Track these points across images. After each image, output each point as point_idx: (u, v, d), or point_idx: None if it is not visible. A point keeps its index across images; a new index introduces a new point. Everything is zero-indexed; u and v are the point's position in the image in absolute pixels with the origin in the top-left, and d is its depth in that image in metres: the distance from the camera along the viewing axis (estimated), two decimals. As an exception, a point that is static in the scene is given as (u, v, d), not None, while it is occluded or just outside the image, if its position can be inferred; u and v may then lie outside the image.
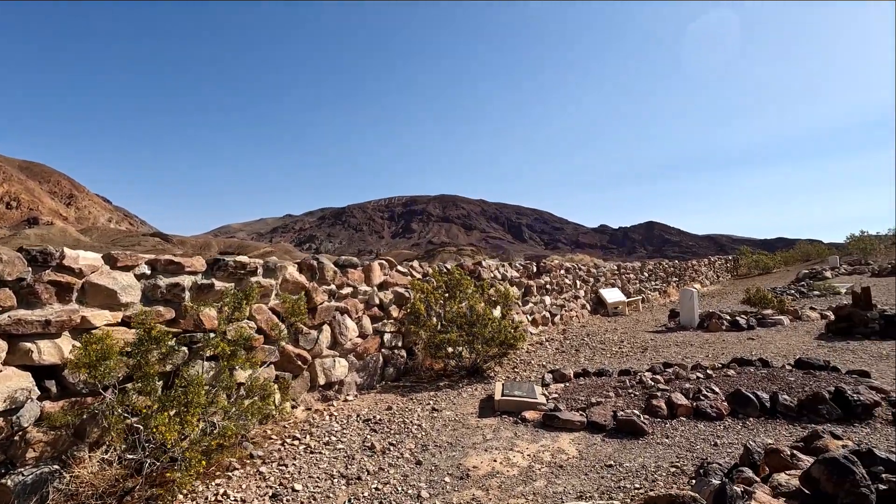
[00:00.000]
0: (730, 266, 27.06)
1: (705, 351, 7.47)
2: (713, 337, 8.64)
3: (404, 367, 6.61)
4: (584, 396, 4.75)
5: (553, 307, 10.95)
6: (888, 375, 5.32)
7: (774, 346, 7.46)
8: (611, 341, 8.86)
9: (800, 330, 8.71)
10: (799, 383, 4.33)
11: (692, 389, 4.34)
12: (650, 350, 7.83)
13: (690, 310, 9.81)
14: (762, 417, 4.01)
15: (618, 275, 15.24)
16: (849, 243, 24.62)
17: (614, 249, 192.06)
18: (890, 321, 7.50)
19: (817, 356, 6.54)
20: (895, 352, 6.45)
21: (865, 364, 5.95)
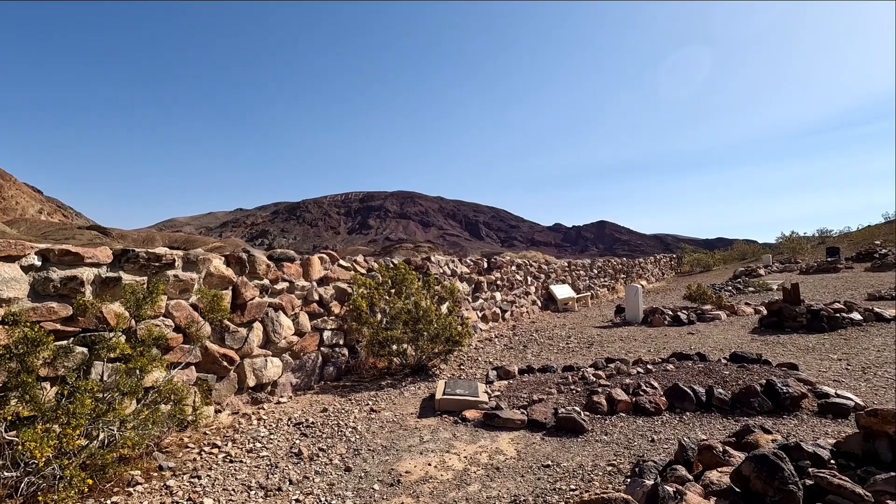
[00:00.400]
0: (674, 264, 28.22)
1: (648, 346, 7.59)
2: (656, 332, 8.83)
3: (346, 366, 6.31)
4: (527, 394, 4.64)
5: (504, 303, 10.91)
6: (813, 367, 5.54)
7: (712, 339, 7.69)
8: (558, 337, 8.89)
9: (736, 324, 9.06)
10: (733, 377, 4.40)
11: (632, 385, 4.31)
12: (596, 345, 7.89)
13: (635, 306, 10.02)
14: (698, 411, 4.03)
15: (568, 272, 15.47)
16: (780, 243, 26.22)
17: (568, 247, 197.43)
18: (815, 315, 7.90)
19: (751, 350, 6.77)
20: (820, 344, 6.77)
21: (794, 356, 6.19)
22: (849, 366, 5.57)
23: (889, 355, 5.95)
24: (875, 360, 5.76)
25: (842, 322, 7.83)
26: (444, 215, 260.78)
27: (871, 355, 5.98)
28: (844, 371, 5.32)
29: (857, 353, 6.19)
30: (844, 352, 6.27)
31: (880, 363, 5.60)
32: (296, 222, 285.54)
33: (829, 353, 6.28)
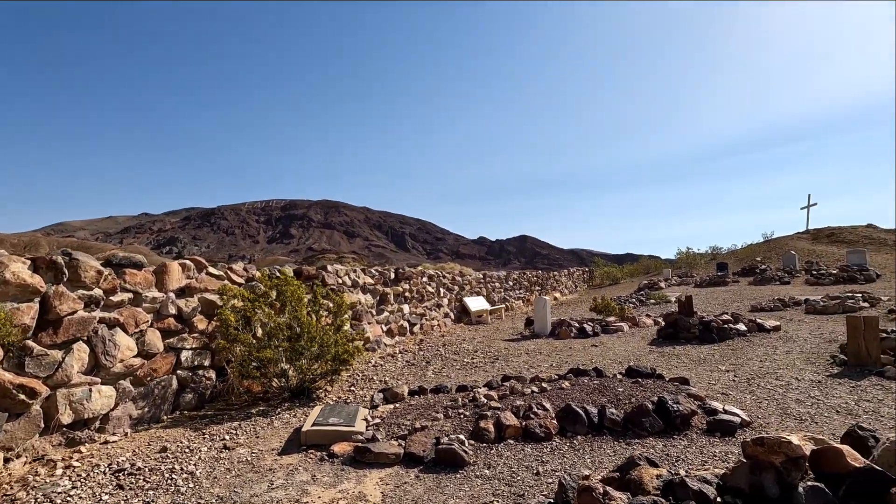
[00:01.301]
0: (586, 277, 29.41)
1: (552, 359, 7.39)
2: (562, 344, 8.72)
3: (212, 392, 5.39)
4: (411, 420, 4.09)
5: (412, 316, 10.36)
6: (704, 380, 5.54)
7: (613, 352, 7.66)
8: (465, 351, 8.49)
9: (636, 336, 9.21)
10: (627, 394, 4.17)
11: (523, 407, 3.93)
12: (500, 360, 7.57)
13: (543, 318, 9.92)
14: (590, 434, 3.71)
15: (483, 284, 15.30)
16: (678, 258, 28.26)
17: (491, 260, 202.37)
18: (707, 327, 8.18)
19: (648, 362, 6.77)
20: (710, 355, 6.92)
21: (687, 368, 6.22)
22: (735, 377, 5.65)
23: (769, 365, 6.16)
24: (758, 370, 5.91)
25: (729, 333, 8.17)
26: (371, 226, 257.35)
27: (754, 366, 6.15)
28: (731, 383, 5.35)
29: (742, 363, 6.36)
30: (732, 363, 6.42)
31: (763, 373, 5.74)
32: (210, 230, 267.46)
33: (718, 364, 6.40)
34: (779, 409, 4.34)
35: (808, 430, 3.83)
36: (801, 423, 4.00)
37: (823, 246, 23.71)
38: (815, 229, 26.99)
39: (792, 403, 4.52)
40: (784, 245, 25.16)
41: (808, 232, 27.07)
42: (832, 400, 4.60)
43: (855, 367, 5.75)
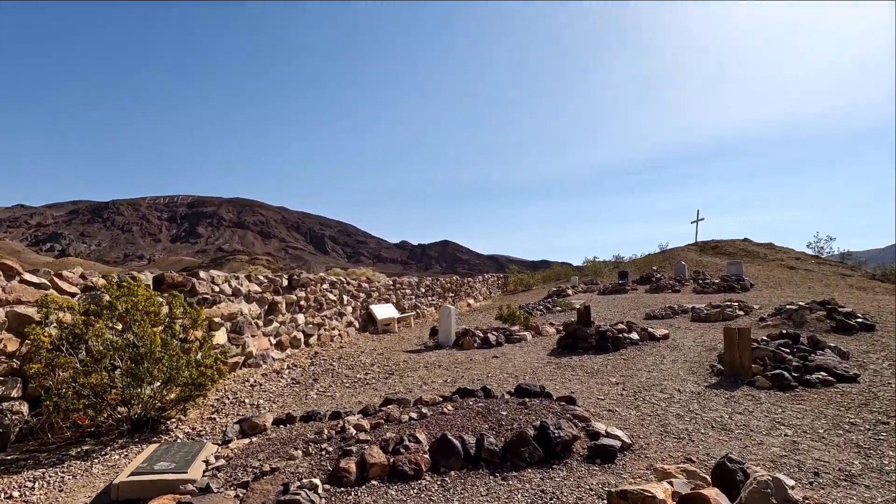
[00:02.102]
0: (501, 283, 29.95)
1: (450, 373, 7.04)
2: (464, 356, 8.43)
3: (23, 429, 4.33)
4: (263, 459, 3.46)
5: (309, 327, 9.56)
6: (594, 394, 5.45)
7: (513, 363, 7.48)
8: (361, 365, 7.90)
9: (538, 345, 9.17)
10: (510, 418, 3.86)
11: (394, 439, 3.46)
12: (396, 375, 7.08)
13: (447, 328, 9.60)
14: (465, 468, 3.33)
15: (393, 290, 14.76)
16: (585, 266, 29.70)
17: (413, 264, 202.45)
18: (602, 336, 8.31)
19: (544, 374, 6.64)
20: (604, 366, 6.95)
21: (580, 381, 6.15)
22: (624, 390, 5.63)
23: (656, 376, 6.25)
24: (645, 382, 5.95)
25: (623, 342, 8.36)
26: (288, 227, 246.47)
27: (642, 377, 6.21)
28: (619, 397, 5.29)
29: (632, 374, 6.41)
30: (623, 374, 6.45)
31: (649, 385, 5.78)
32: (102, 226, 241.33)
33: (609, 375, 6.40)
34: (660, 427, 4.27)
35: (686, 449, 3.75)
36: (679, 441, 3.93)
37: (709, 257, 26.05)
38: (703, 242, 29.67)
39: (672, 419, 4.49)
40: (677, 255, 27.33)
41: (697, 244, 29.68)
42: (709, 414, 4.65)
43: (730, 377, 5.99)
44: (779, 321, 10.15)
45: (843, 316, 9.19)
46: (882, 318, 9.52)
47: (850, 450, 3.73)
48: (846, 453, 3.67)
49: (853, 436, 4.01)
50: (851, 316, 9.24)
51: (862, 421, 4.36)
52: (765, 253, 24.26)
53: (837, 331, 8.86)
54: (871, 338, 8.15)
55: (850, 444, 3.84)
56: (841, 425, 4.26)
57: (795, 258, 22.34)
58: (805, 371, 5.83)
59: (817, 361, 6.04)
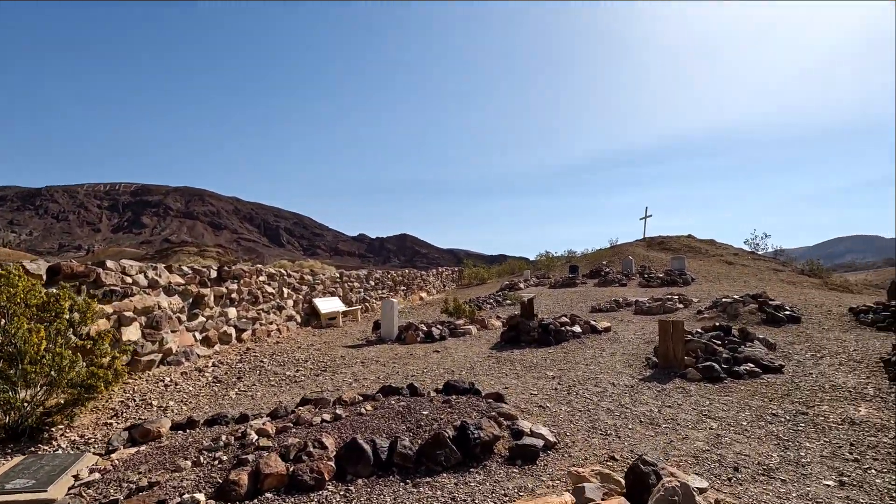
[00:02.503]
0: (455, 277, 29.84)
1: (387, 369, 6.74)
2: (405, 350, 8.15)
3: None
4: (144, 472, 3.04)
5: (242, 321, 8.99)
6: (528, 389, 5.30)
7: (453, 358, 7.27)
8: (293, 361, 7.46)
9: (482, 339, 9.01)
10: (431, 418, 3.61)
11: (297, 445, 3.13)
12: (328, 372, 6.71)
13: (390, 322, 9.28)
14: (375, 475, 3.04)
15: (340, 283, 14.26)
16: (538, 261, 30.08)
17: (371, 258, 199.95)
18: (545, 329, 8.23)
19: (482, 369, 6.45)
20: (543, 360, 6.85)
21: (517, 376, 6.00)
22: (559, 384, 5.51)
23: (593, 369, 6.20)
24: (582, 375, 5.87)
25: (566, 335, 8.32)
26: (241, 218, 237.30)
27: (580, 371, 6.13)
28: (553, 392, 5.17)
29: (570, 367, 6.33)
30: (561, 367, 6.36)
31: (585, 379, 5.70)
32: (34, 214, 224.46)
33: (547, 369, 6.29)
34: (589, 423, 4.15)
35: (611, 446, 3.63)
36: (606, 438, 3.80)
37: (655, 252, 26.93)
38: (650, 238, 30.68)
39: (602, 414, 4.38)
40: (626, 251, 28.12)
41: (645, 240, 30.66)
42: (639, 408, 4.58)
43: (664, 370, 6.01)
44: (715, 314, 10.46)
45: (773, 309, 9.56)
46: (808, 310, 9.98)
47: (771, 442, 3.72)
48: (766, 445, 3.65)
49: (774, 427, 4.03)
50: (780, 309, 9.63)
51: (783, 412, 4.40)
52: (706, 249, 25.32)
53: (767, 323, 9.20)
54: (797, 329, 8.49)
55: (771, 436, 3.84)
56: (763, 417, 4.29)
57: (734, 254, 23.42)
58: (734, 363, 5.92)
59: (746, 353, 6.16)
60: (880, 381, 5.23)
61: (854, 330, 8.13)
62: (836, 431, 3.91)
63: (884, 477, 3.10)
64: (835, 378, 5.41)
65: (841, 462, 3.34)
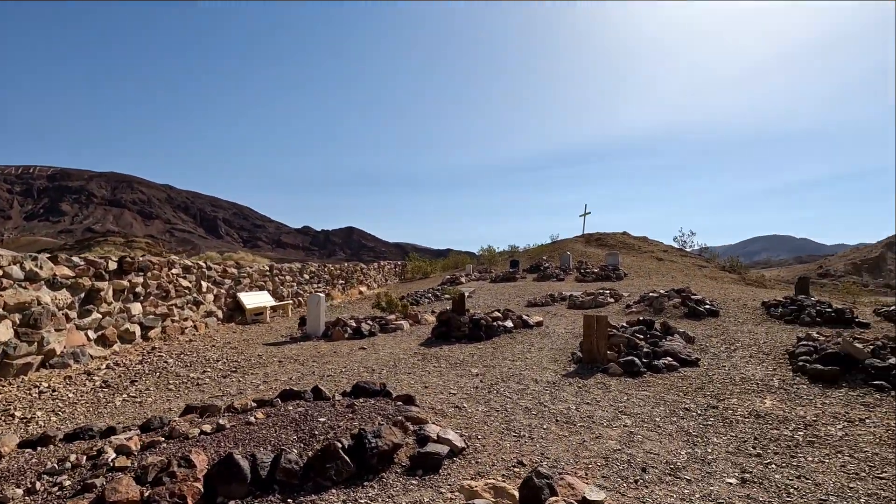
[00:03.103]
0: (398, 271, 29.39)
1: (304, 369, 6.30)
2: (329, 347, 7.71)
3: None
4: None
5: (150, 318, 8.17)
6: (449, 387, 5.07)
7: (378, 355, 6.93)
8: (203, 361, 6.84)
9: (414, 334, 8.73)
10: (328, 426, 3.27)
11: (159, 465, 2.69)
12: (239, 372, 6.18)
13: (317, 317, 8.79)
14: (251, 495, 2.67)
15: (269, 277, 13.49)
16: (481, 255, 30.25)
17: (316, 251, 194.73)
18: (476, 325, 8.07)
19: (406, 367, 6.16)
20: (470, 356, 6.66)
21: (440, 373, 5.75)
22: (482, 381, 5.32)
23: (519, 365, 6.07)
24: (507, 372, 5.73)
25: (497, 330, 8.21)
26: (174, 207, 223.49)
27: (505, 367, 5.98)
28: (473, 391, 4.96)
29: (496, 363, 6.18)
30: (487, 363, 6.19)
31: (509, 375, 5.55)
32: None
33: (473, 366, 6.10)
34: (504, 424, 3.96)
35: (522, 449, 3.44)
36: (518, 440, 3.62)
37: (593, 248, 27.79)
38: (589, 234, 31.65)
39: (520, 414, 4.21)
40: (566, 246, 28.82)
41: (584, 236, 31.58)
42: (557, 405, 4.46)
43: (588, 365, 5.98)
44: (642, 308, 10.77)
45: (695, 303, 9.94)
46: (726, 304, 10.46)
47: (681, 438, 3.69)
48: (676, 442, 3.60)
49: (685, 422, 4.01)
50: (701, 303, 10.03)
51: (695, 406, 4.42)
52: (639, 245, 26.41)
53: (689, 317, 9.55)
54: (716, 323, 8.84)
55: (682, 432, 3.81)
56: (677, 412, 4.28)
57: (664, 251, 24.57)
58: (654, 357, 5.99)
59: (665, 347, 6.26)
60: (784, 372, 5.44)
61: (765, 323, 8.56)
62: (742, 425, 3.94)
63: (783, 472, 3.11)
64: (745, 370, 5.58)
65: (745, 458, 3.33)
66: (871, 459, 3.25)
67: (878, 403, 4.31)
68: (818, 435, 3.69)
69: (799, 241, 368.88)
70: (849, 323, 7.99)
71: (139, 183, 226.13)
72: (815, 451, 3.42)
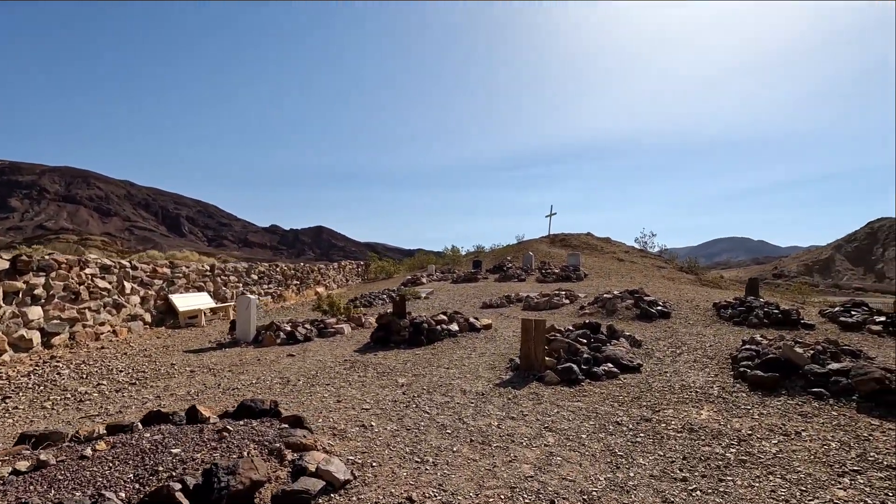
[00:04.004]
0: (361, 271, 28.67)
1: (216, 380, 5.68)
2: (255, 355, 7.08)
3: None
4: None
5: (53, 323, 7.34)
6: (363, 403, 4.56)
7: (303, 364, 6.35)
8: (104, 372, 6.12)
9: (354, 339, 8.18)
10: (180, 459, 2.70)
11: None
12: (137, 385, 5.51)
13: (247, 321, 8.12)
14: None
15: (210, 276, 12.65)
16: (444, 255, 29.85)
17: (284, 250, 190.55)
18: (417, 329, 7.59)
19: (330, 376, 5.61)
20: (403, 364, 6.17)
21: (362, 384, 5.24)
22: (405, 393, 4.84)
23: (453, 373, 5.62)
24: (436, 382, 5.26)
25: (440, 334, 7.74)
26: (134, 204, 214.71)
27: (437, 376, 5.52)
28: (391, 404, 4.47)
29: (429, 371, 5.71)
30: (418, 372, 5.71)
31: (437, 386, 5.08)
32: None
33: (402, 375, 5.61)
34: (410, 446, 3.48)
35: (420, 479, 2.97)
36: (420, 466, 3.15)
37: (557, 249, 27.76)
38: (554, 235, 31.65)
39: (432, 433, 3.74)
40: (531, 247, 28.69)
41: (549, 237, 31.57)
42: (478, 422, 4.01)
43: (525, 372, 5.58)
44: (595, 309, 10.51)
45: (647, 304, 9.73)
46: (679, 305, 10.32)
47: (604, 459, 3.29)
48: (598, 465, 3.21)
49: (614, 439, 3.63)
50: (654, 304, 9.84)
51: (628, 419, 4.06)
52: (602, 246, 26.52)
53: (641, 318, 9.33)
54: (666, 324, 8.63)
55: (607, 451, 3.42)
56: (607, 426, 3.90)
57: (625, 251, 24.70)
58: (594, 363, 5.64)
59: (607, 352, 5.92)
60: (726, 378, 5.17)
61: (714, 325, 8.40)
62: (673, 441, 3.59)
63: (707, 500, 2.74)
64: (687, 377, 5.29)
65: (668, 482, 2.96)
66: (803, 482, 2.92)
67: (815, 413, 4.04)
68: (751, 452, 3.36)
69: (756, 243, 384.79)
70: (795, 324, 7.89)
71: (96, 178, 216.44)
72: (746, 472, 3.08)
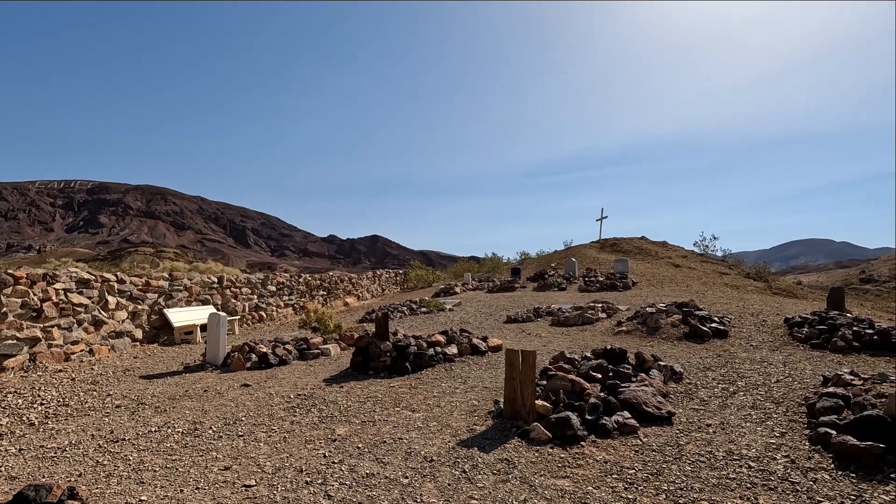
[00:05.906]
0: (400, 279, 27.81)
1: (132, 420, 4.70)
2: (212, 382, 6.10)
3: None
4: None
5: (6, 344, 6.75)
6: (257, 473, 3.34)
7: (252, 397, 5.27)
8: (12, 409, 5.32)
9: (336, 363, 7.06)
10: None
11: None
12: (35, 428, 4.62)
13: (216, 342, 7.20)
14: None
15: (217, 289, 12.05)
16: (484, 262, 28.37)
17: (342, 259, 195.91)
18: (401, 353, 6.33)
19: (261, 419, 4.46)
20: (372, 399, 4.91)
21: (286, 437, 4.03)
22: (325, 456, 3.58)
23: (417, 419, 4.33)
24: (383, 436, 3.97)
25: (430, 360, 6.46)
26: (205, 218, 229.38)
27: (390, 425, 4.22)
28: (290, 477, 3.23)
29: (386, 417, 4.43)
30: (368, 418, 4.43)
31: (379, 444, 3.79)
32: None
33: (348, 421, 4.36)
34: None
35: None
36: None
37: (607, 254, 25.53)
38: (604, 239, 29.32)
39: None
40: (579, 253, 26.63)
41: (599, 241, 29.29)
42: (394, 517, 2.68)
43: (508, 421, 4.16)
44: (634, 326, 8.77)
45: (698, 320, 7.90)
46: (742, 319, 8.41)
47: None
48: None
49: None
50: (706, 321, 7.98)
51: (630, 522, 2.58)
52: (656, 251, 24.03)
53: (689, 338, 7.54)
54: (721, 346, 6.86)
55: None
56: (591, 537, 2.44)
57: (682, 256, 22.14)
58: (605, 410, 4.12)
59: (626, 395, 4.36)
60: (797, 441, 3.50)
61: (785, 348, 6.53)
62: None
63: None
64: (737, 436, 3.66)
65: None
66: None
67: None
68: None
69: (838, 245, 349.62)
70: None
71: (172, 195, 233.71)
72: None
